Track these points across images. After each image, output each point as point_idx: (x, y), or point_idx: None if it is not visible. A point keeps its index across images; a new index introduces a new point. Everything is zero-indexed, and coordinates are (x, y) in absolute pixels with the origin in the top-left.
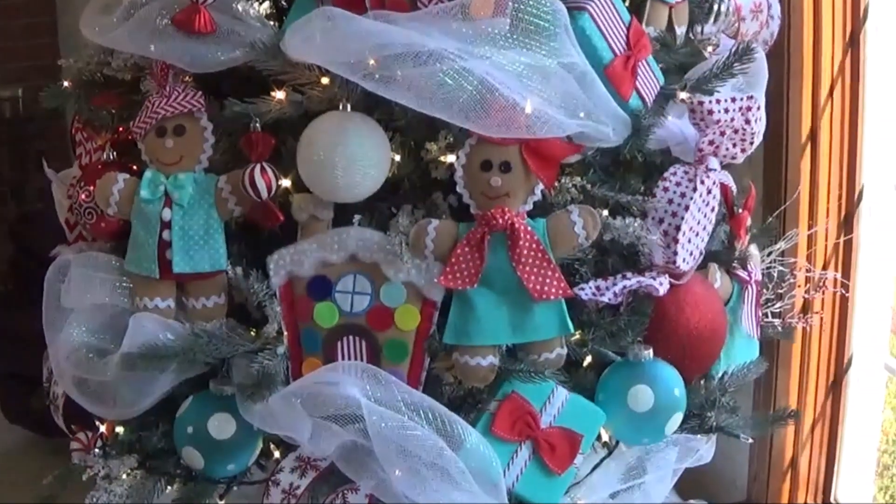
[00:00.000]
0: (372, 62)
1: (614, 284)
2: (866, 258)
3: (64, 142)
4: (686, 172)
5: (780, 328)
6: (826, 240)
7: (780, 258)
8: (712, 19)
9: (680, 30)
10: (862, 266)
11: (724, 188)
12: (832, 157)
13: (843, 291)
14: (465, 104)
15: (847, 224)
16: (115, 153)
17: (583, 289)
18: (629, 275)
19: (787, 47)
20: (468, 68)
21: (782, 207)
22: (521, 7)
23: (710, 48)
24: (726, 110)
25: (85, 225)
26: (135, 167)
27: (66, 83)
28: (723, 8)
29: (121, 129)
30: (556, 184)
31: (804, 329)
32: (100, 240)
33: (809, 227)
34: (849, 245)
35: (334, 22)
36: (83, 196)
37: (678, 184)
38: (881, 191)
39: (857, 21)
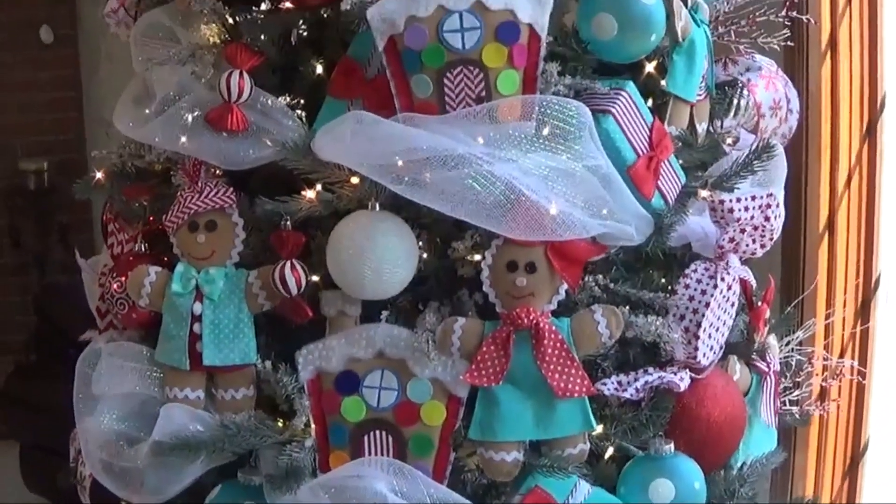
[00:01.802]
0: (400, 164)
1: (636, 380)
2: (883, 345)
3: (87, 214)
4: (706, 269)
5: (797, 415)
6: (843, 328)
7: (798, 347)
8: (732, 113)
9: (701, 127)
10: (879, 352)
11: (743, 283)
12: (849, 245)
13: (860, 379)
14: (491, 208)
15: (864, 312)
16: (146, 244)
17: (605, 384)
18: (650, 370)
19: (805, 138)
20: (494, 172)
21: (800, 297)
22: (547, 111)
23: (729, 140)
24: (746, 208)
25: (116, 315)
26: (166, 258)
27: (98, 174)
28: (742, 103)
29: (152, 219)
30: (580, 282)
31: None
32: (130, 329)
33: (827, 317)
34: (865, 333)
35: (364, 125)
36: (115, 286)
37: (699, 281)
38: None
39: (874, 111)
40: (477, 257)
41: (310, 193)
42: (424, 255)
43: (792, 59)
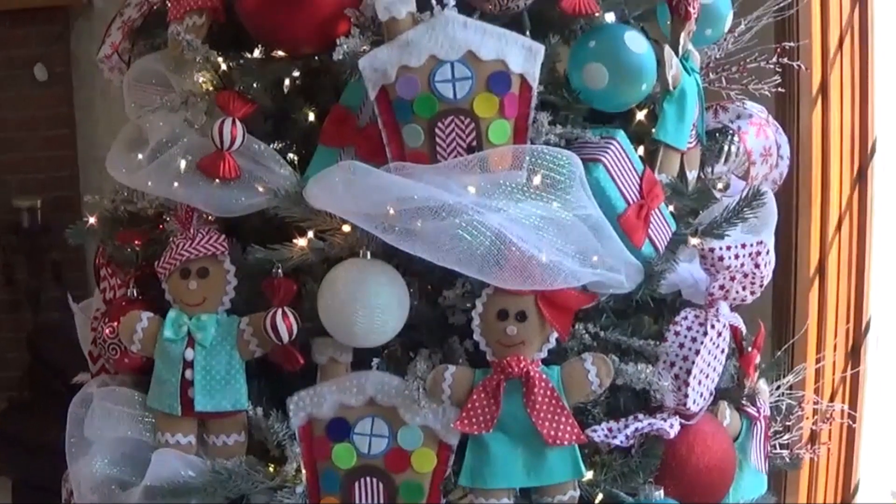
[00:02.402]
0: (392, 212)
1: (626, 427)
2: (873, 388)
3: (80, 252)
4: (696, 317)
5: (787, 459)
6: (833, 372)
7: (788, 391)
8: (723, 160)
9: (691, 174)
10: (869, 396)
11: (734, 329)
12: (840, 290)
13: (850, 422)
14: (481, 258)
15: (854, 356)
16: (137, 289)
17: (595, 430)
18: (641, 416)
19: (795, 184)
20: (485, 222)
21: (791, 342)
22: (538, 161)
23: (720, 185)
24: (736, 256)
25: (108, 359)
26: (157, 304)
27: (91, 219)
28: (733, 149)
29: (144, 264)
30: (570, 330)
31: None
32: (122, 374)
33: (817, 361)
34: (856, 377)
35: (356, 175)
36: (107, 331)
37: (689, 328)
38: (888, 321)
39: (864, 156)
40: (468, 305)
41: (301, 241)
42: (415, 303)
43: (783, 104)
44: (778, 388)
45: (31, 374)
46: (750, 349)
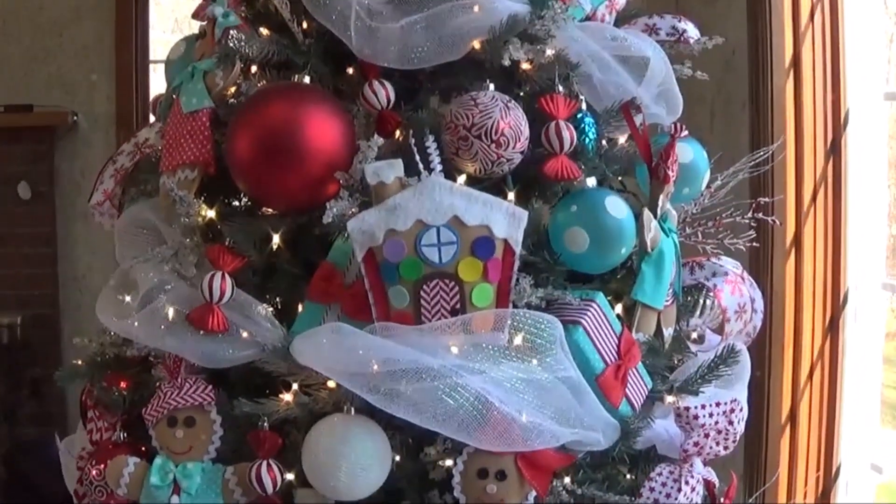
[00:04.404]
0: (375, 368)
1: None
2: None
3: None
4: (671, 472)
5: None
6: None
7: None
8: (698, 313)
9: (668, 332)
10: None
11: (707, 482)
12: (811, 437)
13: None
14: (462, 420)
15: (824, 501)
16: (125, 432)
17: None
18: None
19: (769, 333)
20: (466, 385)
21: (762, 489)
22: (519, 324)
23: (694, 335)
24: (711, 414)
25: (94, 500)
26: (144, 447)
27: (78, 361)
28: (708, 302)
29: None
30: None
31: None
32: None
33: None
34: None
35: (342, 336)
36: (94, 473)
37: (664, 484)
38: (857, 468)
39: (836, 306)
40: (448, 462)
41: (287, 396)
42: (397, 457)
43: (757, 257)
44: None
45: (7, 490)
46: (722, 500)
